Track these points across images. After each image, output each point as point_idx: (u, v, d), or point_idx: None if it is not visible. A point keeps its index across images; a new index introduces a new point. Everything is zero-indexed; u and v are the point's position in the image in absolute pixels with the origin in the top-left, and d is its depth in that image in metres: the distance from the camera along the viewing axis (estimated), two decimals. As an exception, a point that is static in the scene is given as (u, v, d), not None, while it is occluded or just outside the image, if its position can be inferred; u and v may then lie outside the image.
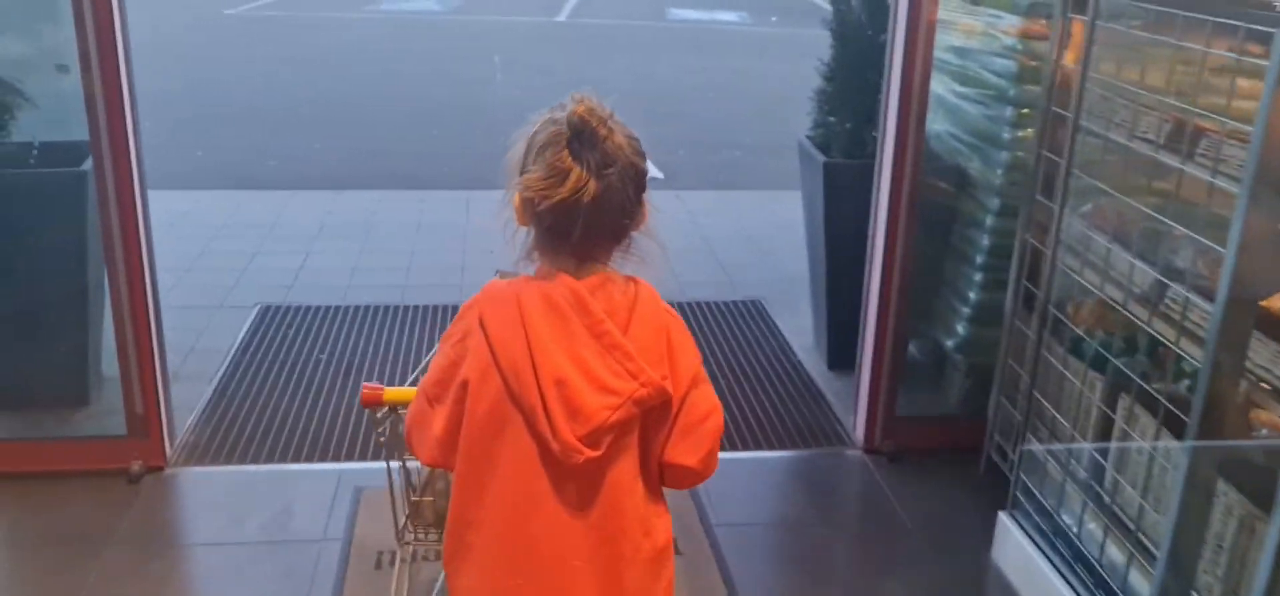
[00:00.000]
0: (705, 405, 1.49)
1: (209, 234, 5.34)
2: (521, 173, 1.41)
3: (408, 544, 2.24)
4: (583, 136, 1.39)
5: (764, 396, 3.84)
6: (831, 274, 3.90)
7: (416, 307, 4.48)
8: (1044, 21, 3.25)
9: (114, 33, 2.93)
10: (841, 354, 3.90)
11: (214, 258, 5.04)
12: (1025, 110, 3.33)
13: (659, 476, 1.52)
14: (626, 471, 1.46)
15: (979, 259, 3.49)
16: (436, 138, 7.64)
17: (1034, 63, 3.29)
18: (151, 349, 3.18)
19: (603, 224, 1.41)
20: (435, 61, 10.75)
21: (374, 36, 12.43)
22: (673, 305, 1.52)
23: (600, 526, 1.46)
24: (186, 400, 3.56)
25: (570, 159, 1.37)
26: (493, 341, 1.41)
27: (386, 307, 4.46)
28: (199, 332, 4.16)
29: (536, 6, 15.38)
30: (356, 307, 4.45)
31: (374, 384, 1.94)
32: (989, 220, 3.45)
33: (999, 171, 3.41)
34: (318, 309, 4.43)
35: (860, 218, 3.59)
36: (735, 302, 4.66)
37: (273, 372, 3.85)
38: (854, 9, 3.96)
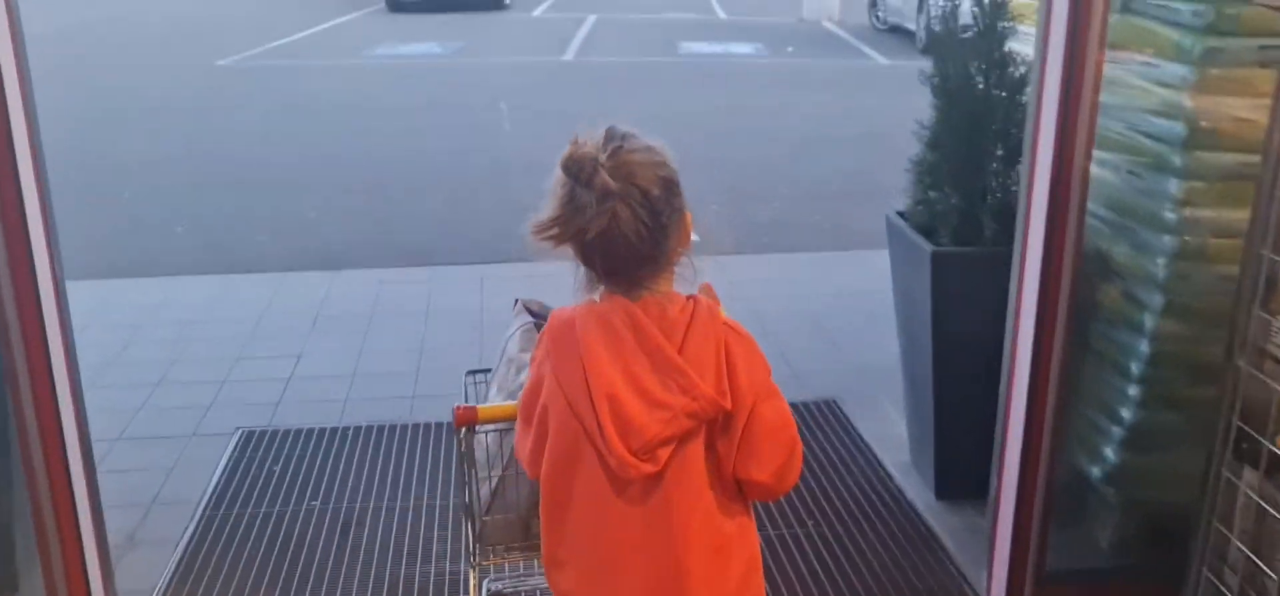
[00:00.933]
0: (774, 418, 1.52)
1: (185, 332, 4.64)
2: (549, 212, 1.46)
3: (478, 562, 2.20)
4: (577, 176, 1.42)
5: (858, 534, 3.11)
6: (940, 382, 3.17)
7: (425, 426, 3.76)
8: (1227, 70, 2.54)
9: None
10: (954, 481, 3.18)
11: (189, 365, 4.33)
12: (1198, 184, 2.62)
13: (736, 490, 1.56)
14: (691, 486, 1.50)
15: (1135, 369, 2.77)
16: (443, 199, 6.95)
17: (1210, 124, 2.58)
18: (74, 518, 2.44)
19: (622, 254, 1.44)
20: (438, 111, 10.07)
21: (372, 84, 11.77)
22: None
23: (667, 541, 1.51)
24: (145, 574, 2.83)
25: (566, 200, 1.42)
26: (556, 365, 1.50)
27: (391, 427, 3.75)
28: (165, 473, 3.45)
29: (541, 46, 14.74)
30: (355, 429, 3.74)
31: (468, 406, 1.99)
32: (1149, 322, 2.72)
33: (1161, 261, 2.69)
34: (309, 433, 3.72)
35: (978, 315, 2.88)
36: (805, 404, 3.94)
37: (253, 530, 3.13)
38: (960, 59, 3.23)
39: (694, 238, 1.58)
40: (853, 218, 6.53)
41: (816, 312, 4.95)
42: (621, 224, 1.42)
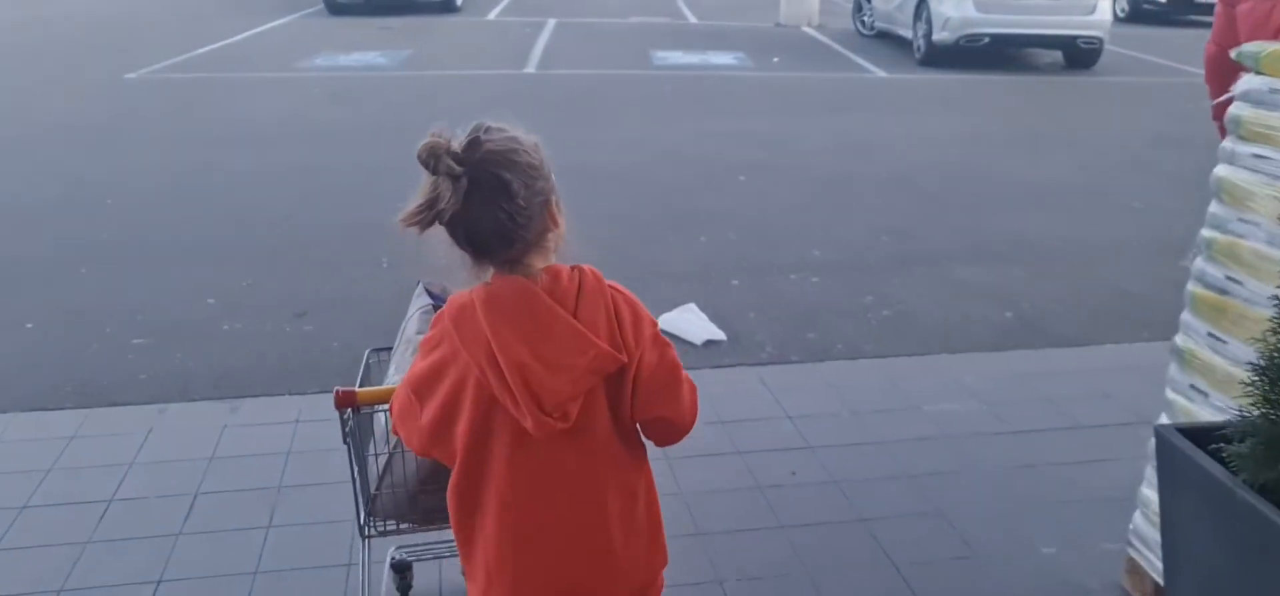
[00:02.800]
0: (661, 362, 1.66)
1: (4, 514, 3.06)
2: None
3: (369, 536, 2.27)
4: (428, 166, 1.55)
5: None
6: None
7: None
8: None
9: None
10: None
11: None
12: None
13: (637, 437, 1.72)
14: (599, 435, 1.64)
15: None
16: (385, 272, 5.38)
17: None
18: None
19: (485, 237, 1.57)
20: (381, 140, 8.48)
21: (307, 103, 10.13)
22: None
23: (587, 486, 1.65)
24: None
25: (427, 189, 1.55)
26: (464, 344, 1.57)
27: None
28: None
29: (498, 56, 13.15)
30: None
31: (347, 387, 2.09)
32: None
33: None
34: None
35: None
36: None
37: None
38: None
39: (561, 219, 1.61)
40: (913, 299, 5.08)
41: (901, 458, 3.48)
42: (475, 208, 1.52)
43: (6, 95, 10.39)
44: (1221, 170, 2.49)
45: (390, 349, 2.41)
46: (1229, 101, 2.47)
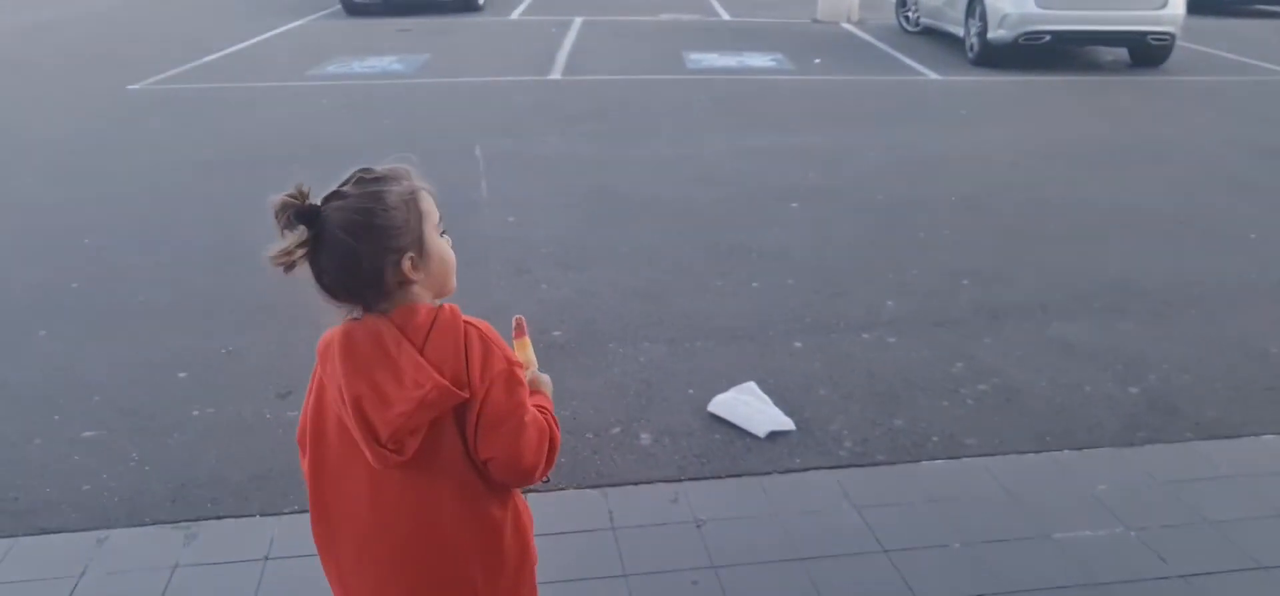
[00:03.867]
0: (504, 401, 1.62)
1: None
2: None
3: None
4: (276, 219, 1.58)
5: None
6: None
7: None
8: None
9: None
10: None
11: None
12: None
13: (486, 474, 1.67)
14: (443, 469, 1.63)
15: None
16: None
17: None
18: None
19: (332, 286, 1.61)
20: (395, 156, 7.68)
21: (314, 115, 9.39)
22: None
23: (438, 526, 1.66)
24: None
25: (292, 237, 1.57)
26: (326, 376, 1.63)
27: None
28: None
29: (522, 60, 12.37)
30: None
31: None
32: None
33: None
34: None
35: None
36: None
37: None
38: None
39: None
40: (1012, 368, 4.24)
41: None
42: (322, 261, 1.58)
43: (-3, 111, 9.71)
44: None
45: None
46: None
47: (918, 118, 9.25)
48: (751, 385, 4.03)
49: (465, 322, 1.63)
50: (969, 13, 12.13)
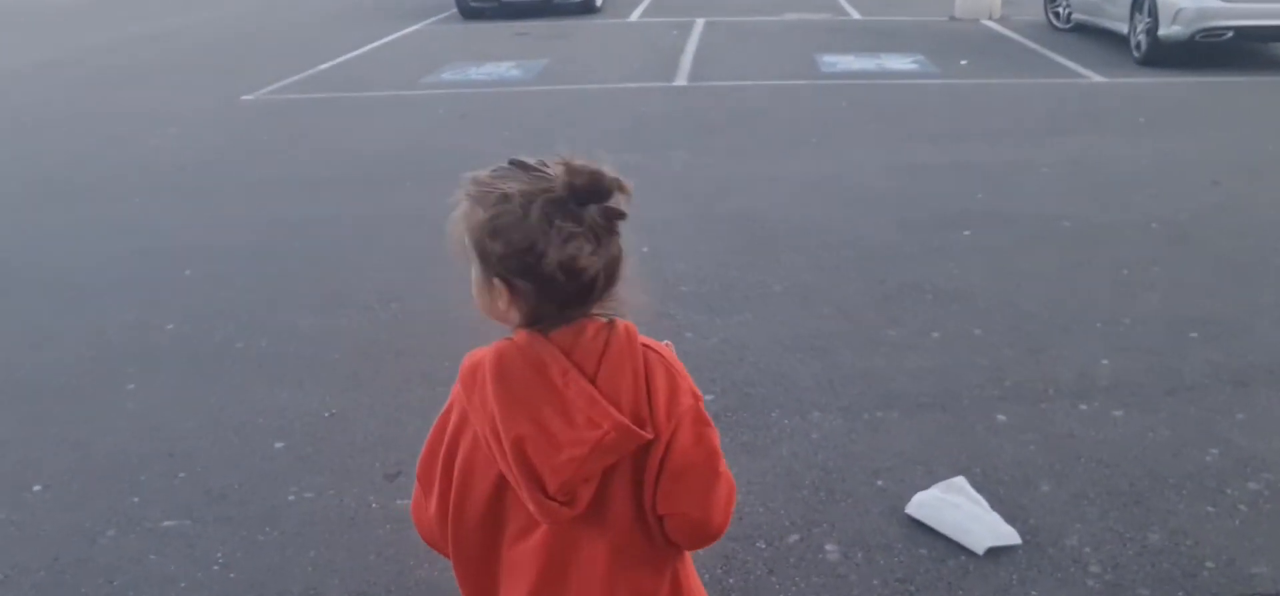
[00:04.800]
0: (694, 446, 1.37)
1: None
2: (503, 242, 1.32)
3: None
4: (591, 198, 1.32)
5: None
6: None
7: None
8: None
9: None
10: None
11: None
12: None
13: (661, 532, 1.42)
14: (611, 528, 1.39)
15: None
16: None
17: None
18: None
19: (570, 291, 1.32)
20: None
21: (431, 127, 8.91)
22: None
23: (595, 587, 1.40)
24: None
25: (582, 223, 1.30)
26: (473, 412, 1.37)
27: None
28: None
29: (643, 65, 11.71)
30: None
31: None
32: None
33: None
34: None
35: None
36: None
37: None
38: None
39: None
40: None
41: None
42: (587, 255, 1.30)
43: (104, 124, 9.47)
44: None
45: None
46: None
47: (1090, 127, 8.26)
48: (960, 482, 3.25)
49: (644, 346, 1.38)
50: (1135, 7, 11.00)
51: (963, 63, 11.31)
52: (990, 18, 14.88)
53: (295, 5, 18.94)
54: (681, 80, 10.83)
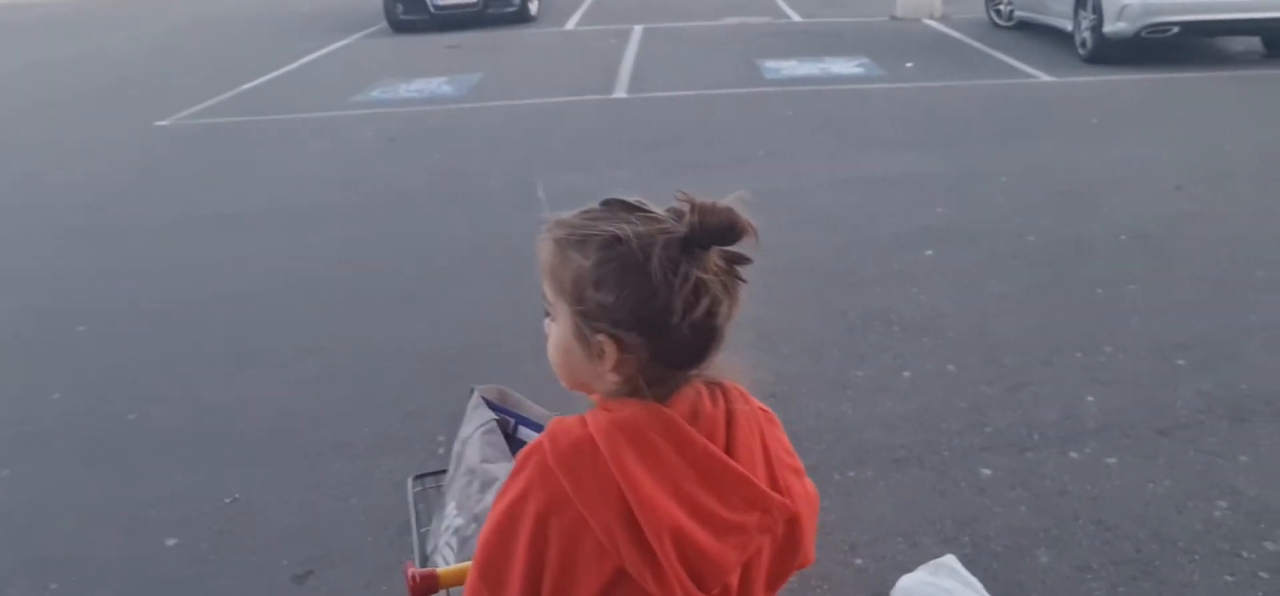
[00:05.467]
0: (808, 494, 1.23)
1: None
2: (614, 292, 1.12)
3: None
4: (721, 240, 1.12)
5: None
6: None
7: None
8: None
9: None
10: None
11: None
12: None
13: None
14: None
15: None
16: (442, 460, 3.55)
17: None
18: None
19: (693, 349, 1.15)
20: (445, 207, 6.72)
21: (357, 154, 8.41)
22: None
23: None
24: None
25: (707, 269, 1.12)
26: (580, 495, 1.10)
27: None
28: None
29: (581, 76, 11.29)
30: None
31: (426, 568, 1.51)
32: None
33: None
34: None
35: None
36: None
37: None
38: None
39: None
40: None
41: None
42: (720, 308, 1.14)
43: (5, 158, 8.83)
44: None
45: (439, 474, 1.89)
46: None
47: (1043, 130, 8.00)
48: (950, 561, 2.85)
49: (758, 408, 1.23)
50: (1079, 4, 10.80)
51: (908, 65, 11.04)
52: (932, 17, 14.67)
53: (220, 22, 18.25)
54: (621, 92, 10.43)
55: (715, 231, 1.11)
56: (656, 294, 1.10)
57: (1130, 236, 5.48)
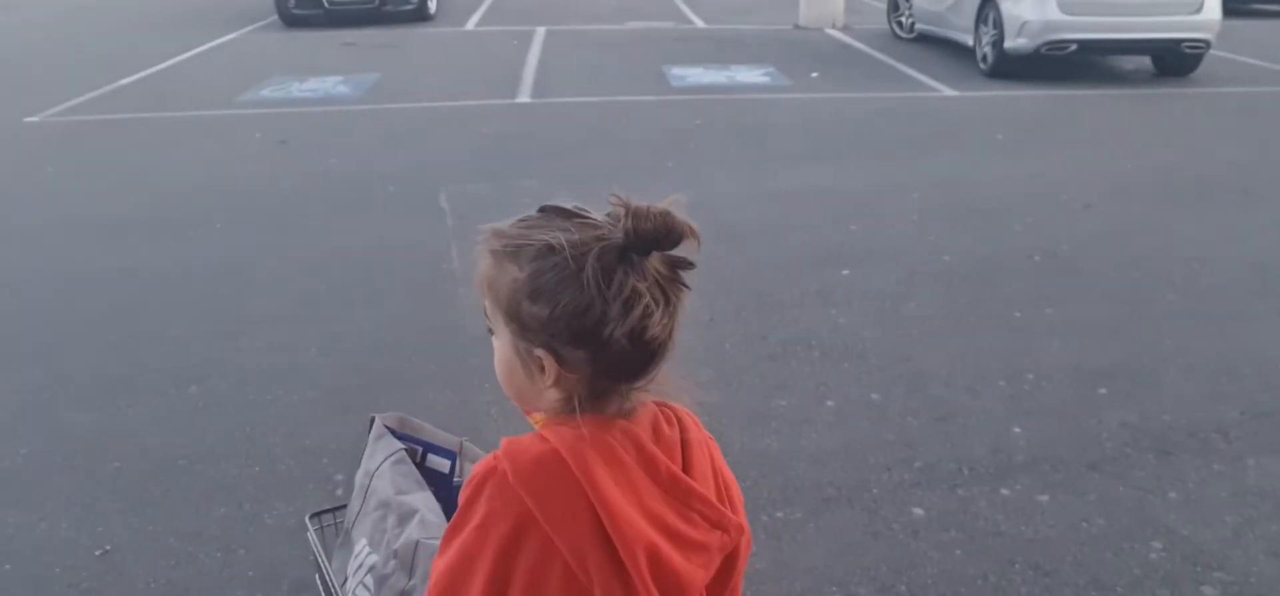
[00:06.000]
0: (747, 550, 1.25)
1: None
2: (548, 305, 1.07)
3: None
4: (658, 245, 1.08)
5: None
6: None
7: None
8: None
9: None
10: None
11: None
12: None
13: None
14: None
15: None
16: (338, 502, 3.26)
17: None
18: None
19: (638, 360, 1.10)
20: (338, 217, 6.37)
21: (244, 157, 7.96)
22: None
23: None
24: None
25: (645, 277, 1.08)
26: (546, 515, 1.06)
27: None
28: None
29: (483, 79, 10.98)
30: None
31: None
32: None
33: None
34: None
35: None
36: None
37: None
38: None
39: None
40: (1234, 549, 2.97)
41: None
42: (652, 317, 1.08)
43: None
44: None
45: (338, 509, 1.77)
46: None
47: (950, 145, 8.01)
48: (892, 617, 2.72)
49: (705, 434, 1.22)
50: (980, 19, 10.95)
51: (814, 75, 11.03)
52: (834, 27, 14.75)
53: (106, 10, 17.35)
54: (525, 96, 10.15)
55: (650, 236, 1.07)
56: (592, 305, 1.06)
57: (1043, 256, 5.46)
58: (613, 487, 1.08)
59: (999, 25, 10.45)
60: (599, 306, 1.06)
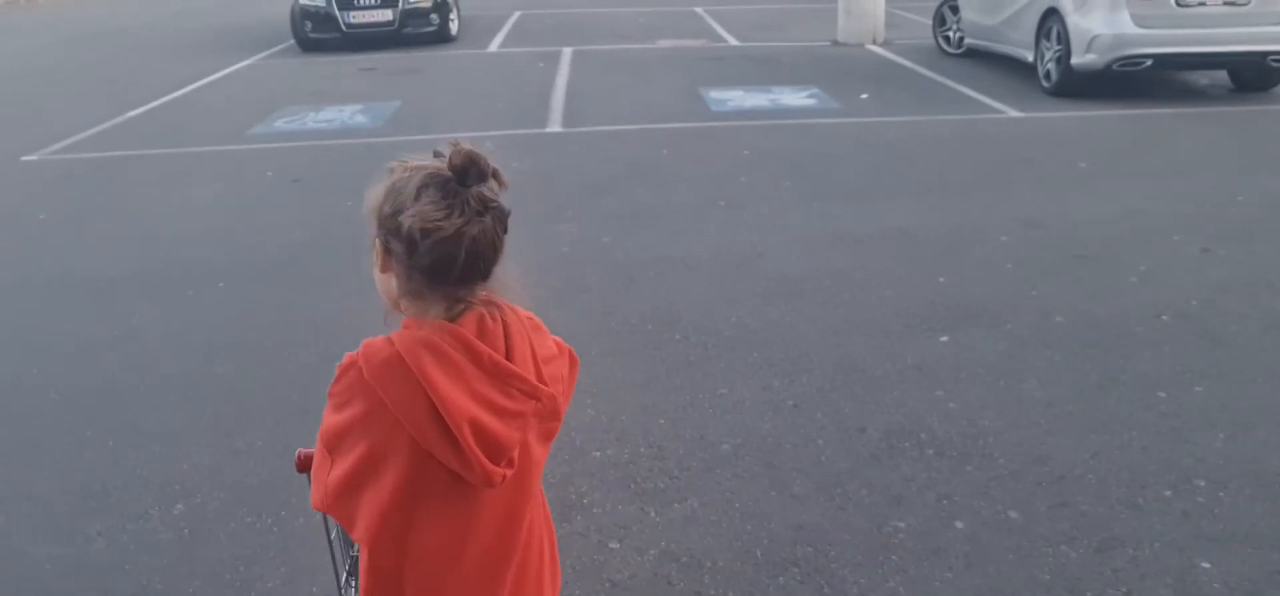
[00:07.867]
0: (572, 369, 1.65)
1: None
2: (393, 214, 1.44)
3: None
4: (467, 178, 1.44)
5: None
6: None
7: None
8: None
9: None
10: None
11: None
12: None
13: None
14: (532, 477, 1.57)
15: None
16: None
17: None
18: None
19: (479, 264, 1.46)
20: (358, 268, 5.60)
21: (254, 197, 7.30)
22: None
23: (521, 532, 1.57)
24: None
25: (453, 197, 1.43)
26: (391, 401, 1.43)
27: None
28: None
29: (510, 106, 10.28)
30: None
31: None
32: None
33: None
34: None
35: None
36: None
37: None
38: None
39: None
40: None
41: None
42: (489, 232, 1.46)
43: None
44: None
45: None
46: None
47: (1027, 175, 7.24)
48: None
49: (527, 321, 1.56)
50: (1042, 33, 10.16)
51: (863, 96, 10.26)
52: (875, 42, 13.98)
53: (114, 35, 16.80)
54: (556, 125, 9.43)
55: (459, 171, 1.42)
56: (403, 207, 1.42)
57: (1172, 316, 4.69)
58: (441, 377, 1.40)
59: (1064, 39, 9.66)
60: (406, 206, 1.42)
